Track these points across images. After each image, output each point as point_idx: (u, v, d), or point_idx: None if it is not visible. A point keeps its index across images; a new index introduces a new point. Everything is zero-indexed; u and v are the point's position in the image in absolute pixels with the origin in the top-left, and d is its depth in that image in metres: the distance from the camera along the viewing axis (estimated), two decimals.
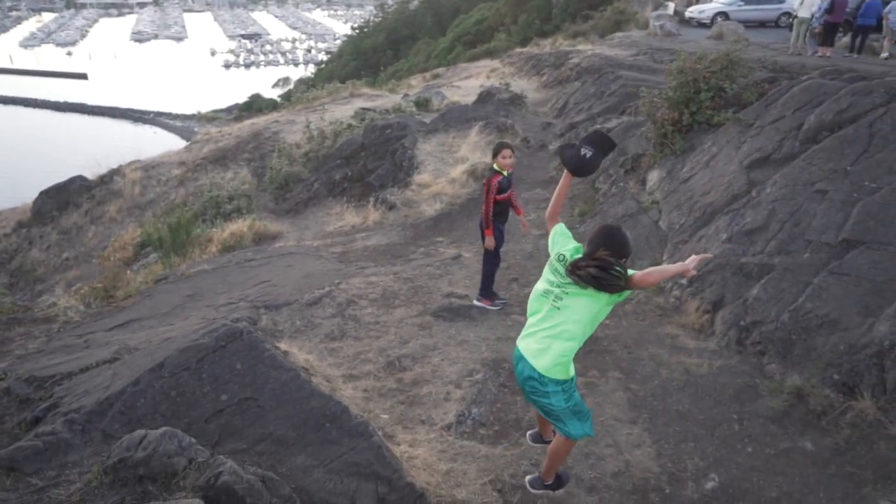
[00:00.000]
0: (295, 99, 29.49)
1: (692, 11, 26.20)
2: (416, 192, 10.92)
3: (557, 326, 3.29)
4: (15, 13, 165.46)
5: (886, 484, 4.09)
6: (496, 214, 6.39)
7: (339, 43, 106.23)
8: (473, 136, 12.60)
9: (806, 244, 5.92)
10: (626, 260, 3.24)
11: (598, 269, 3.12)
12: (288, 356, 4.69)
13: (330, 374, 5.31)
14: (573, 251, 3.37)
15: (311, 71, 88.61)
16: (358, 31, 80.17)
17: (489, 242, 6.44)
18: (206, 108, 69.39)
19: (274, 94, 68.28)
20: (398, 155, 12.26)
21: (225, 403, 3.85)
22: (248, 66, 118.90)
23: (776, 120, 7.65)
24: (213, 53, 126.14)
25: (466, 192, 10.57)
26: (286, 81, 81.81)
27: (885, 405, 4.49)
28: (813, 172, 6.50)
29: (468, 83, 22.64)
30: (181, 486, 3.08)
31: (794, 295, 5.57)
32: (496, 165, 6.31)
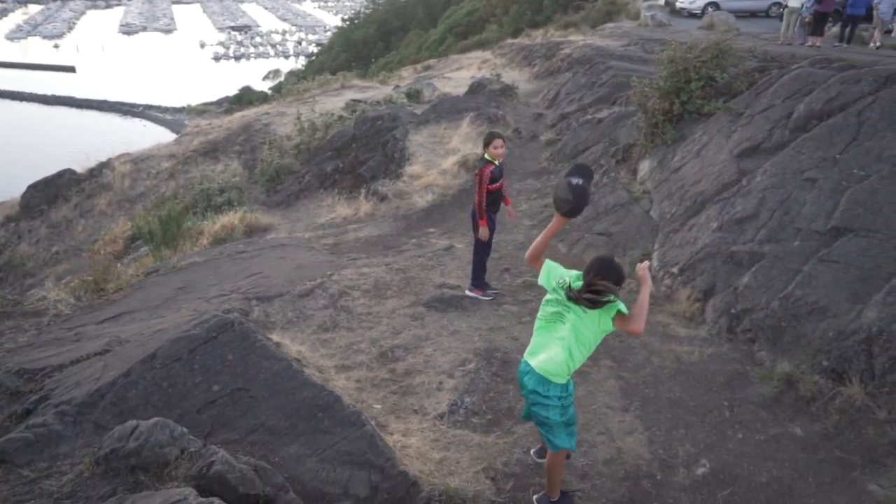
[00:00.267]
0: (285, 91, 29.30)
1: (683, 2, 26.20)
2: (407, 183, 10.90)
3: (561, 340, 3.51)
4: (0, 5, 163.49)
5: (874, 468, 4.14)
6: (488, 204, 6.39)
7: (329, 35, 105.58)
8: (465, 127, 12.58)
9: (795, 232, 5.95)
10: (619, 288, 3.42)
11: (595, 293, 3.35)
12: (280, 347, 4.68)
13: (322, 364, 5.31)
14: (575, 277, 3.55)
15: (301, 63, 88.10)
16: (348, 22, 79.63)
17: (483, 233, 6.44)
18: (195, 101, 68.85)
19: (264, 86, 67.81)
20: (389, 146, 12.23)
21: (217, 394, 3.85)
22: (237, 58, 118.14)
23: (766, 109, 7.68)
24: (202, 46, 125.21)
25: (458, 183, 10.56)
26: (276, 74, 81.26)
27: (873, 390, 4.53)
28: (802, 161, 6.53)
29: (459, 74, 22.58)
30: (173, 475, 3.08)
31: (783, 282, 5.60)
32: (487, 155, 6.31)
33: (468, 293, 6.73)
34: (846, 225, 5.65)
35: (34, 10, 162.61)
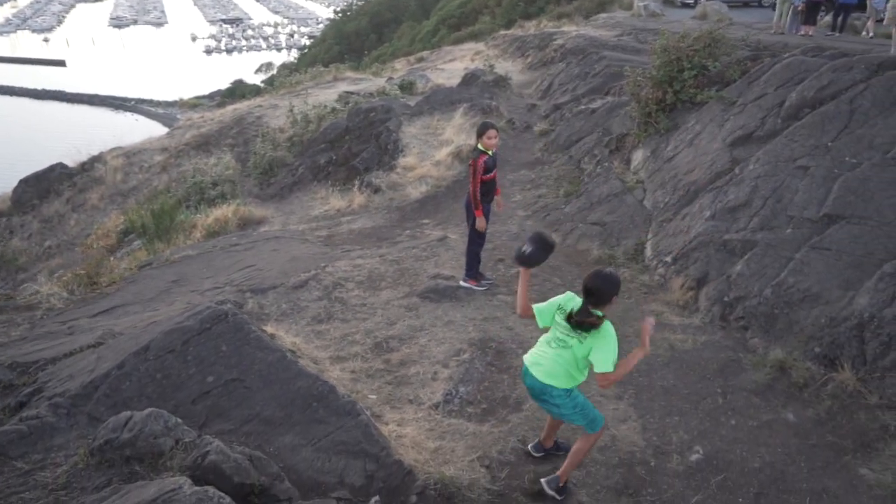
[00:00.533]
0: (278, 84, 29.14)
1: None
2: (401, 175, 10.88)
3: (565, 364, 3.71)
4: None
5: (866, 452, 4.18)
6: (482, 194, 6.38)
7: (322, 27, 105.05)
8: (458, 118, 12.55)
9: (788, 220, 5.97)
10: (614, 299, 3.64)
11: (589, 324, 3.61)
12: (274, 339, 4.67)
13: (317, 356, 5.31)
14: (566, 300, 3.81)
15: (294, 56, 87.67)
16: (341, 14, 79.19)
17: (480, 223, 6.44)
18: (187, 94, 68.34)
19: (257, 79, 67.49)
20: (383, 138, 12.19)
21: (211, 385, 3.85)
22: (229, 51, 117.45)
23: (759, 97, 7.69)
24: (193, 39, 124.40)
25: (452, 174, 10.55)
26: (269, 67, 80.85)
27: (864, 376, 4.57)
28: (795, 149, 6.55)
29: (453, 66, 22.50)
30: (168, 466, 3.08)
31: (776, 270, 5.63)
32: (480, 145, 6.30)
33: (462, 284, 6.74)
34: (838, 212, 5.67)
35: (23, 3, 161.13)
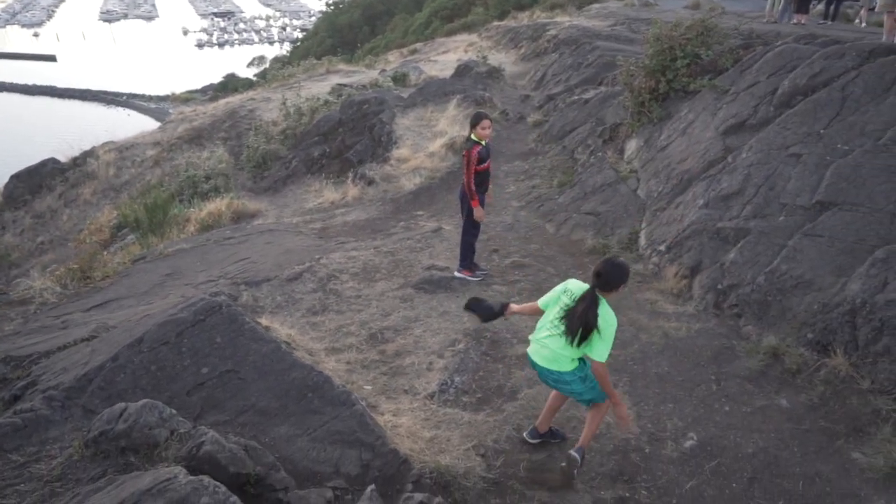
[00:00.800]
0: (270, 77, 28.99)
1: None
2: (395, 166, 10.86)
3: (565, 351, 3.75)
4: None
5: (858, 437, 4.21)
6: (477, 185, 6.37)
7: (314, 20, 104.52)
8: (451, 109, 12.53)
9: (781, 207, 5.99)
10: (623, 286, 3.81)
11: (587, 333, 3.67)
12: (269, 331, 4.67)
13: (312, 347, 5.30)
14: (560, 292, 3.88)
15: (286, 49, 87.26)
16: (333, 7, 78.71)
17: (478, 213, 6.44)
18: (179, 89, 68.04)
19: (249, 73, 67.23)
20: (376, 130, 12.16)
21: (206, 376, 3.84)
22: (221, 45, 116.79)
23: (751, 85, 7.69)
24: (185, 33, 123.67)
25: (446, 165, 10.53)
26: (261, 60, 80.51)
27: (856, 361, 4.59)
28: (787, 136, 6.56)
29: (446, 57, 22.43)
30: (163, 456, 3.08)
31: (769, 257, 5.65)
32: (474, 136, 6.28)
33: (457, 274, 6.74)
34: (830, 199, 5.69)
35: None
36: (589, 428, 3.99)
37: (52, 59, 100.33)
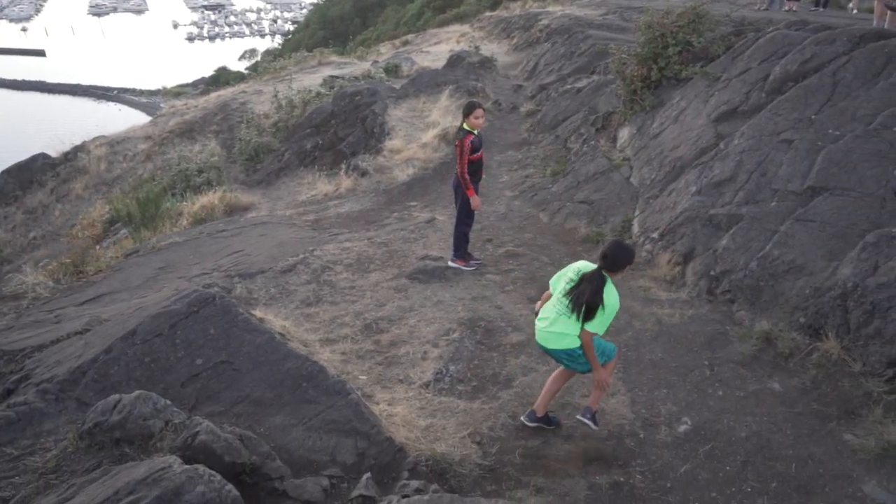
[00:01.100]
0: (262, 70, 28.81)
1: None
2: (387, 157, 10.84)
3: (569, 332, 3.96)
4: None
5: (850, 419, 4.24)
6: (471, 174, 6.37)
7: (305, 12, 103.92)
8: (444, 100, 12.50)
9: (772, 193, 6.01)
10: (628, 266, 4.05)
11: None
12: (264, 323, 4.67)
13: (307, 338, 5.31)
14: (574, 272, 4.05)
15: (278, 42, 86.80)
16: None
17: (475, 202, 6.44)
18: (170, 82, 67.65)
19: (241, 66, 66.81)
20: (369, 121, 12.12)
21: (200, 368, 3.84)
22: (212, 38, 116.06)
23: (743, 72, 7.70)
24: (175, 26, 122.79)
25: (438, 156, 10.52)
26: (253, 53, 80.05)
27: (848, 344, 4.62)
28: (779, 123, 6.57)
29: (438, 48, 22.35)
30: (158, 447, 3.08)
31: (761, 243, 5.67)
32: (467, 125, 6.27)
33: (451, 264, 6.74)
34: (822, 184, 5.71)
35: None
36: (597, 390, 4.17)
37: (41, 53, 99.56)
